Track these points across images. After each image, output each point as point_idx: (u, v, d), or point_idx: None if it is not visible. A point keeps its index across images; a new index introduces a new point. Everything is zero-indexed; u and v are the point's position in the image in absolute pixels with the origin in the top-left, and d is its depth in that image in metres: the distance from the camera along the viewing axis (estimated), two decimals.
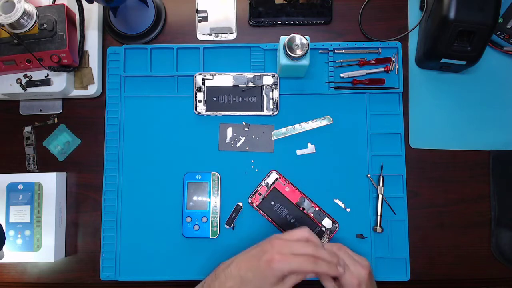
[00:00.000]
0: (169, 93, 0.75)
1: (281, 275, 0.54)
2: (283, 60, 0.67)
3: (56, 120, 0.76)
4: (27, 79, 0.71)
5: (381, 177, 0.72)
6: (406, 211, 0.73)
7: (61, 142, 0.76)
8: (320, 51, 0.76)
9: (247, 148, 0.74)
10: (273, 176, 0.73)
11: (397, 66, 0.75)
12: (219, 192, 0.73)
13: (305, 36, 0.66)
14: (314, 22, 0.76)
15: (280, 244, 0.56)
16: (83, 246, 0.75)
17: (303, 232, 0.58)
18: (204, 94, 0.74)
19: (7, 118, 0.77)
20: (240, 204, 0.73)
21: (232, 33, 0.77)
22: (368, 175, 0.73)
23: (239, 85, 0.74)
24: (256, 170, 0.74)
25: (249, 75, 0.74)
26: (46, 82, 0.71)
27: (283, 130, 0.74)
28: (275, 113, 0.74)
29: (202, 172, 0.73)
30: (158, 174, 0.74)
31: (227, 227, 0.73)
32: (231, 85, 0.74)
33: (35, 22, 0.66)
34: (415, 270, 0.72)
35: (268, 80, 0.74)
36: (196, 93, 0.74)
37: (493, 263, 0.73)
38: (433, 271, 0.73)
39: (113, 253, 0.72)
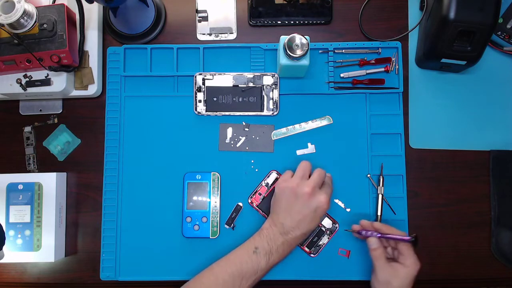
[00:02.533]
0: (169, 93, 0.75)
1: None
2: (283, 60, 0.67)
3: (56, 120, 0.76)
4: (27, 79, 0.71)
5: (381, 177, 0.72)
6: (406, 211, 0.73)
7: (61, 142, 0.76)
8: (320, 51, 0.76)
9: (247, 148, 0.74)
10: (273, 176, 0.73)
11: (397, 66, 0.75)
12: (219, 192, 0.73)
13: (305, 36, 0.66)
14: (314, 22, 0.76)
15: (314, 188, 0.64)
16: (83, 246, 0.75)
17: (305, 166, 0.68)
18: (204, 94, 0.74)
19: (7, 118, 0.77)
20: (240, 204, 0.73)
21: (232, 33, 0.77)
22: (368, 175, 0.73)
23: (239, 85, 0.74)
24: (256, 170, 0.74)
25: (249, 75, 0.74)
26: (46, 82, 0.71)
27: (283, 130, 0.74)
28: (275, 113, 0.74)
29: (202, 172, 0.73)
30: (158, 174, 0.74)
31: (227, 227, 0.73)
32: (231, 85, 0.74)
33: (35, 22, 0.66)
34: None
35: (268, 80, 0.74)
36: (196, 93, 0.74)
37: (493, 263, 0.73)
38: (433, 271, 0.73)
39: (113, 253, 0.72)
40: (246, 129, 0.74)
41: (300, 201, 0.64)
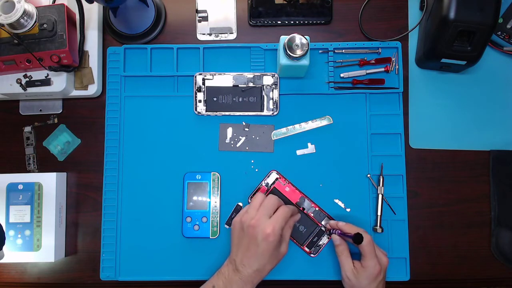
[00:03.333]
0: (169, 93, 0.75)
1: (280, 237, 0.61)
2: (283, 60, 0.67)
3: (56, 120, 0.76)
4: (27, 79, 0.71)
5: (381, 177, 0.72)
6: (406, 211, 0.73)
7: (61, 142, 0.76)
8: (320, 51, 0.76)
9: (247, 148, 0.74)
10: (273, 176, 0.73)
11: (397, 66, 0.75)
12: (219, 192, 0.73)
13: (305, 36, 0.66)
14: (314, 22, 0.76)
15: (258, 219, 0.62)
16: (83, 246, 0.75)
17: (258, 197, 0.65)
18: (204, 94, 0.74)
19: (7, 118, 0.77)
20: (240, 204, 0.73)
21: (232, 33, 0.77)
22: (368, 175, 0.73)
23: (239, 85, 0.74)
24: (256, 170, 0.74)
25: (249, 75, 0.74)
26: (46, 82, 0.71)
27: (283, 130, 0.74)
28: (275, 113, 0.74)
29: (202, 172, 0.73)
30: (158, 174, 0.74)
31: (227, 227, 0.73)
32: (231, 85, 0.74)
33: (35, 22, 0.66)
34: (415, 270, 0.72)
35: (268, 80, 0.74)
36: (196, 93, 0.74)
37: (493, 263, 0.73)
38: (433, 271, 0.73)
39: (113, 253, 0.72)
40: (246, 129, 0.74)
41: (247, 234, 0.61)
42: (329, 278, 0.72)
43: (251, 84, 0.74)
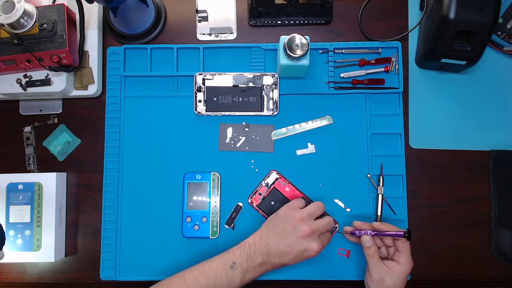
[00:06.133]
0: (169, 93, 0.75)
1: None
2: (283, 60, 0.67)
3: (56, 120, 0.76)
4: (27, 79, 0.71)
5: (381, 177, 0.72)
6: (406, 211, 0.73)
7: (61, 142, 0.76)
8: (320, 51, 0.76)
9: (247, 148, 0.74)
10: (273, 176, 0.73)
11: (397, 66, 0.75)
12: (219, 192, 0.73)
13: (305, 36, 0.66)
14: (314, 22, 0.76)
15: (314, 232, 0.62)
16: (83, 246, 0.75)
17: (321, 206, 0.66)
18: (204, 94, 0.74)
19: (7, 118, 0.77)
20: (240, 204, 0.73)
21: (232, 33, 0.77)
22: (368, 175, 0.73)
23: (239, 85, 0.74)
24: (256, 170, 0.74)
25: (249, 75, 0.74)
26: (46, 82, 0.71)
27: (283, 130, 0.74)
28: (275, 113, 0.74)
29: (202, 172, 0.73)
30: (158, 174, 0.74)
31: (227, 227, 0.73)
32: (231, 85, 0.74)
33: (35, 22, 0.66)
34: (415, 270, 0.72)
35: (268, 80, 0.74)
36: (196, 93, 0.74)
37: (493, 263, 0.73)
38: (433, 271, 0.73)
39: (113, 253, 0.72)
40: (246, 129, 0.74)
41: (295, 235, 0.62)
42: (329, 278, 0.72)
43: (251, 84, 0.74)
